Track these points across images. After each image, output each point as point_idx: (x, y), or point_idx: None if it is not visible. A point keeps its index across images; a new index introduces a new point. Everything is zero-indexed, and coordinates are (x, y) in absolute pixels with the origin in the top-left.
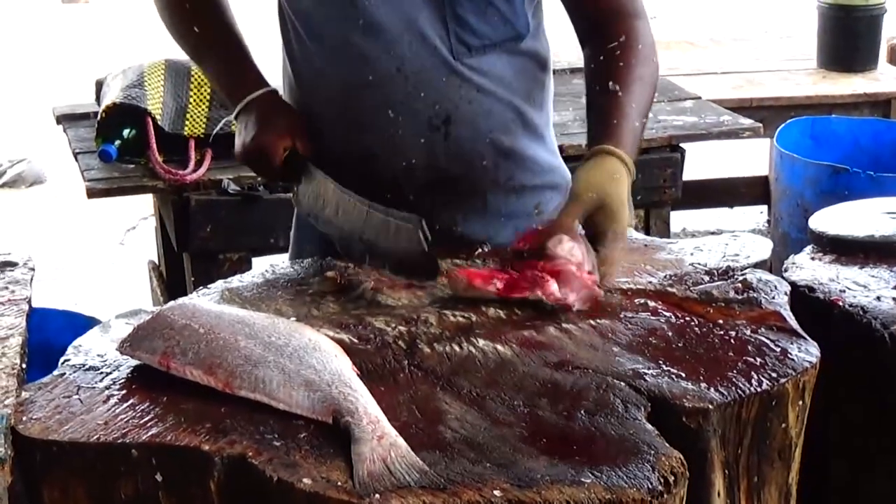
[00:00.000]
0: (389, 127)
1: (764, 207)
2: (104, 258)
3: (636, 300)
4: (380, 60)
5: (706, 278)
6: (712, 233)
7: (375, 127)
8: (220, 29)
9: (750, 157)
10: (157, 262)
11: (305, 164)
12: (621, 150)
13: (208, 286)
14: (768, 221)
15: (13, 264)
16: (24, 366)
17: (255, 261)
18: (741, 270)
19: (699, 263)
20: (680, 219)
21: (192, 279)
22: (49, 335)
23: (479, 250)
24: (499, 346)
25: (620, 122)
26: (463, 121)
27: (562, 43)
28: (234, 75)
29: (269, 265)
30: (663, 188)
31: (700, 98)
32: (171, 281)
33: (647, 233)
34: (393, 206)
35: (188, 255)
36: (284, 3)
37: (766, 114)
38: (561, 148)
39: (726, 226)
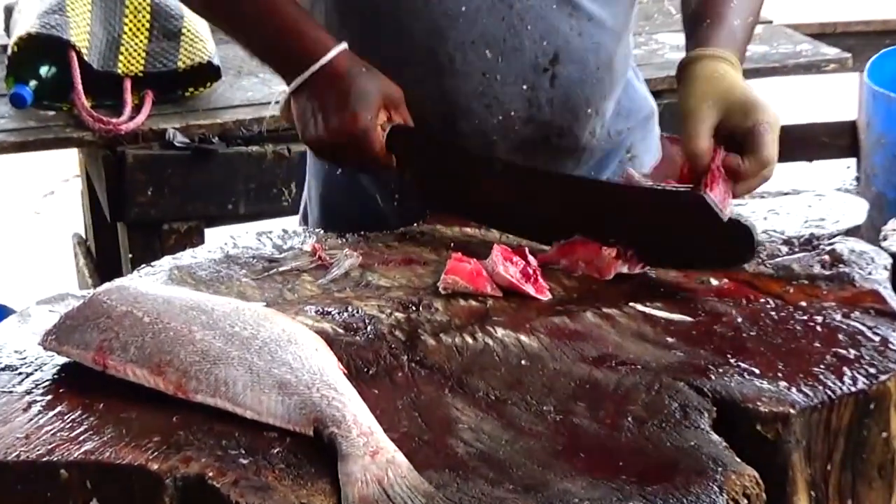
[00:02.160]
0: (486, 71)
1: (852, 161)
2: (15, 231)
3: (696, 278)
4: None
5: (784, 249)
6: (786, 194)
7: (467, 73)
8: None
9: (834, 96)
10: (83, 234)
11: (413, 137)
12: (714, 49)
13: (152, 264)
14: (857, 178)
15: None
16: None
17: (209, 232)
18: (828, 239)
19: (775, 231)
20: None
21: (130, 256)
22: None
23: None
24: (523, 337)
25: (713, 22)
26: (571, 59)
27: None
28: (290, 38)
29: (230, 237)
30: None
31: (772, 22)
32: (103, 258)
33: None
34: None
35: (124, 226)
36: None
37: (855, 42)
38: None
39: (804, 184)
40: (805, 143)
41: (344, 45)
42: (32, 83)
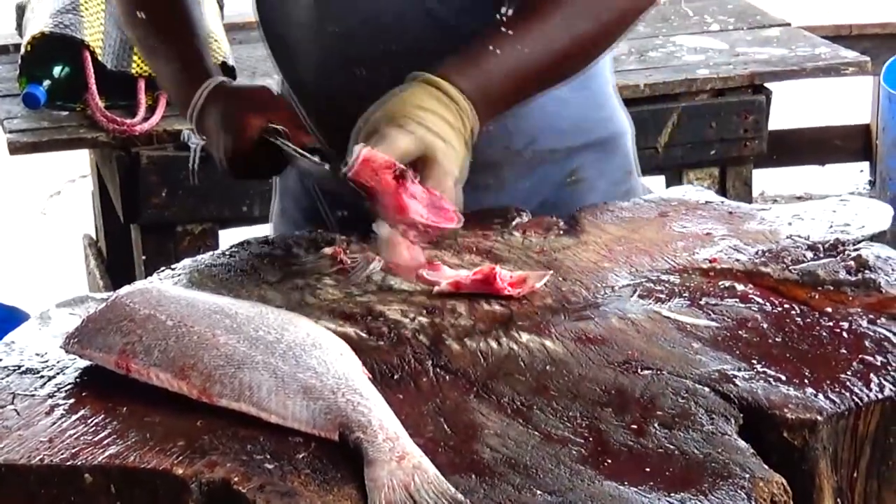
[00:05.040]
0: (359, 85)
1: (865, 165)
2: (22, 232)
3: (721, 283)
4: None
5: (809, 255)
6: (799, 197)
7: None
8: (174, 17)
9: (846, 100)
10: (94, 236)
11: (283, 143)
12: (447, 77)
13: (172, 266)
14: (871, 182)
15: None
16: None
17: (223, 234)
18: (854, 244)
19: (800, 236)
20: (756, 180)
21: (143, 258)
22: None
23: (517, 220)
24: (547, 342)
25: (476, 51)
26: None
27: None
28: (187, 72)
29: (247, 239)
30: (744, 140)
31: (789, 25)
32: (114, 260)
33: (724, 197)
34: None
35: (137, 227)
36: None
37: (870, 45)
38: None
39: (816, 188)
40: (817, 146)
41: (215, 82)
42: (46, 83)
